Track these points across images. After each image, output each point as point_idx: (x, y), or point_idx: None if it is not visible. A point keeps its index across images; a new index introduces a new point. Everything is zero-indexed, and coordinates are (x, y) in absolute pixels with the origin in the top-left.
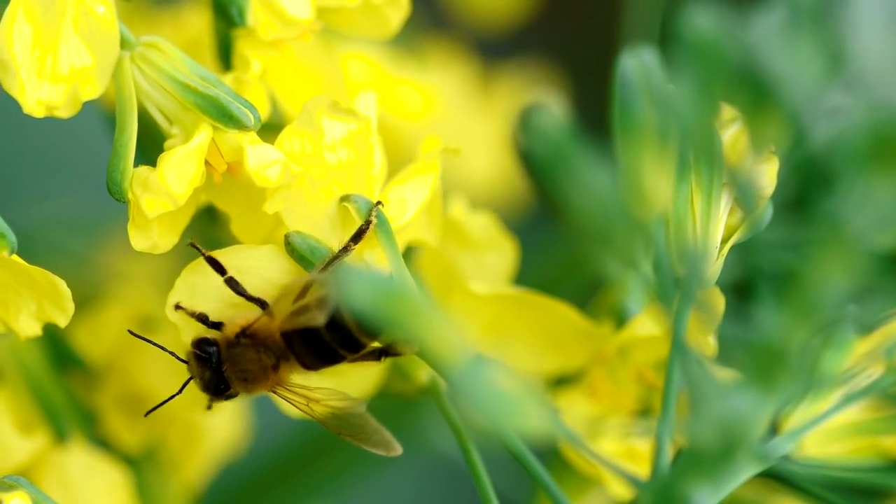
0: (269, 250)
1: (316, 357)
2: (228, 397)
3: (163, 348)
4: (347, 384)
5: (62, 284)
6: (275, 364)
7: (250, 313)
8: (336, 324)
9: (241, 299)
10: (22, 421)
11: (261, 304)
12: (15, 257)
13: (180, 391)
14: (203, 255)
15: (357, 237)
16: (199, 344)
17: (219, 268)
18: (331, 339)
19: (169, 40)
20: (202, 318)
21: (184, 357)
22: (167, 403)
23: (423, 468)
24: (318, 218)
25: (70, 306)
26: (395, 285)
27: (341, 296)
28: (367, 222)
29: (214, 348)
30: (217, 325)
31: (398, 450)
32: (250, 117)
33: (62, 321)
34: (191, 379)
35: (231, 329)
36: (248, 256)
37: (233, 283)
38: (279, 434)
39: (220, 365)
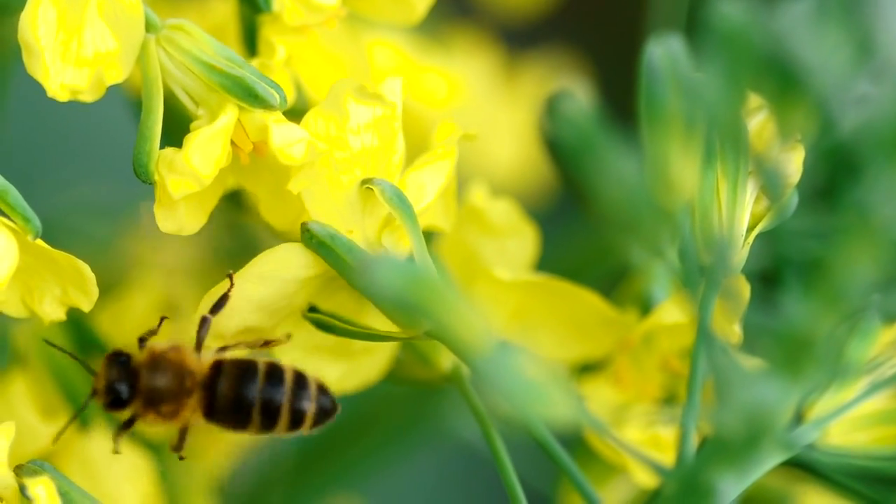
0: (286, 249)
1: (229, 408)
2: (122, 409)
3: (74, 356)
4: (355, 369)
5: (86, 269)
6: (189, 394)
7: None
8: (272, 409)
9: (272, 306)
10: (45, 406)
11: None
12: (40, 241)
13: (86, 404)
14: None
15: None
16: (114, 354)
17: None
18: (259, 409)
19: None
20: (142, 335)
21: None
22: None
23: (444, 456)
24: (338, 201)
25: (94, 291)
26: (420, 271)
27: (367, 283)
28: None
29: (126, 357)
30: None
31: None
32: (276, 97)
33: (86, 306)
34: (94, 395)
35: (160, 346)
36: (266, 261)
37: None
38: None
39: (133, 374)
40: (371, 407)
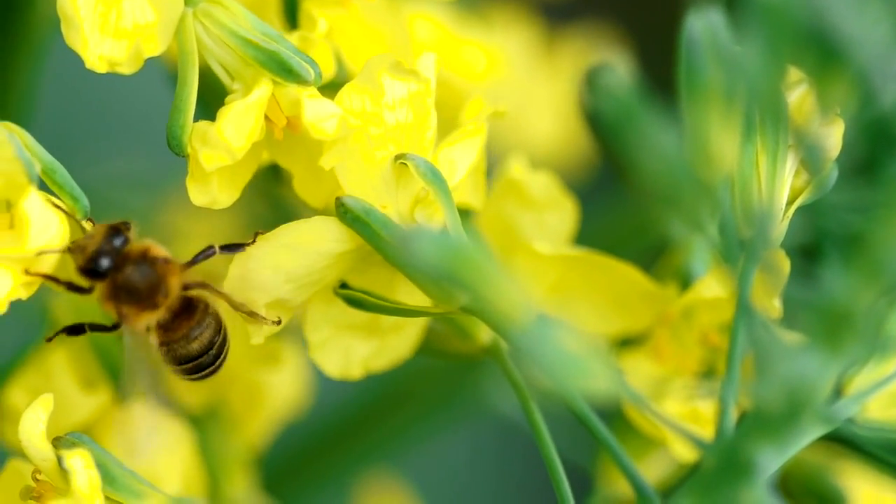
0: (319, 221)
1: (177, 324)
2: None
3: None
4: (384, 347)
5: None
6: (162, 300)
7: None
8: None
9: (303, 279)
10: (84, 378)
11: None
12: (85, 223)
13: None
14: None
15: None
16: (121, 225)
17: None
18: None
19: None
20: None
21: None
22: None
23: (481, 430)
24: (372, 176)
25: None
26: (459, 244)
27: (405, 255)
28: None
29: (124, 239)
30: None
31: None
32: (310, 72)
33: None
34: (73, 250)
35: (157, 250)
36: (299, 232)
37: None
38: (339, 395)
39: (120, 252)
40: (408, 381)
